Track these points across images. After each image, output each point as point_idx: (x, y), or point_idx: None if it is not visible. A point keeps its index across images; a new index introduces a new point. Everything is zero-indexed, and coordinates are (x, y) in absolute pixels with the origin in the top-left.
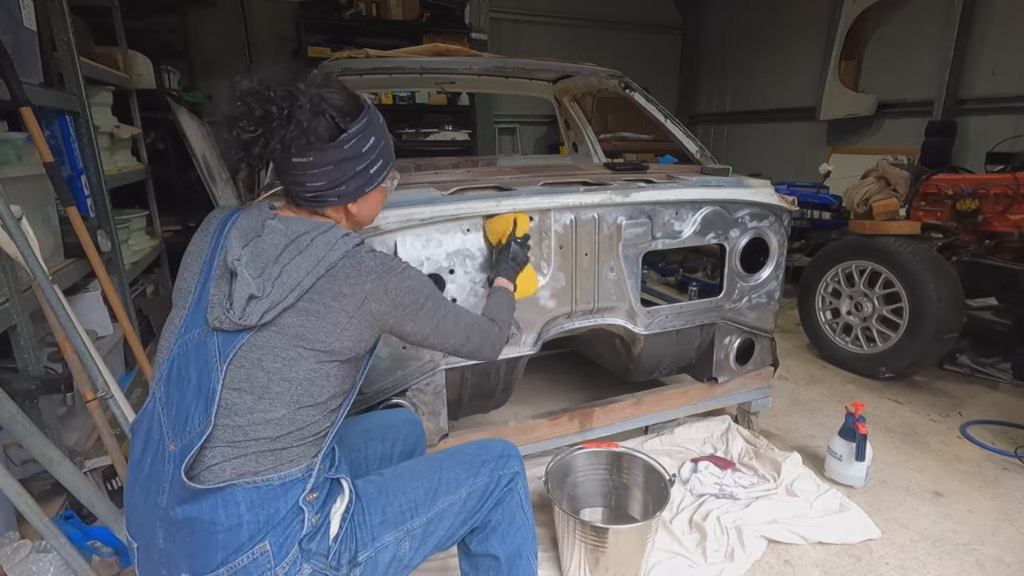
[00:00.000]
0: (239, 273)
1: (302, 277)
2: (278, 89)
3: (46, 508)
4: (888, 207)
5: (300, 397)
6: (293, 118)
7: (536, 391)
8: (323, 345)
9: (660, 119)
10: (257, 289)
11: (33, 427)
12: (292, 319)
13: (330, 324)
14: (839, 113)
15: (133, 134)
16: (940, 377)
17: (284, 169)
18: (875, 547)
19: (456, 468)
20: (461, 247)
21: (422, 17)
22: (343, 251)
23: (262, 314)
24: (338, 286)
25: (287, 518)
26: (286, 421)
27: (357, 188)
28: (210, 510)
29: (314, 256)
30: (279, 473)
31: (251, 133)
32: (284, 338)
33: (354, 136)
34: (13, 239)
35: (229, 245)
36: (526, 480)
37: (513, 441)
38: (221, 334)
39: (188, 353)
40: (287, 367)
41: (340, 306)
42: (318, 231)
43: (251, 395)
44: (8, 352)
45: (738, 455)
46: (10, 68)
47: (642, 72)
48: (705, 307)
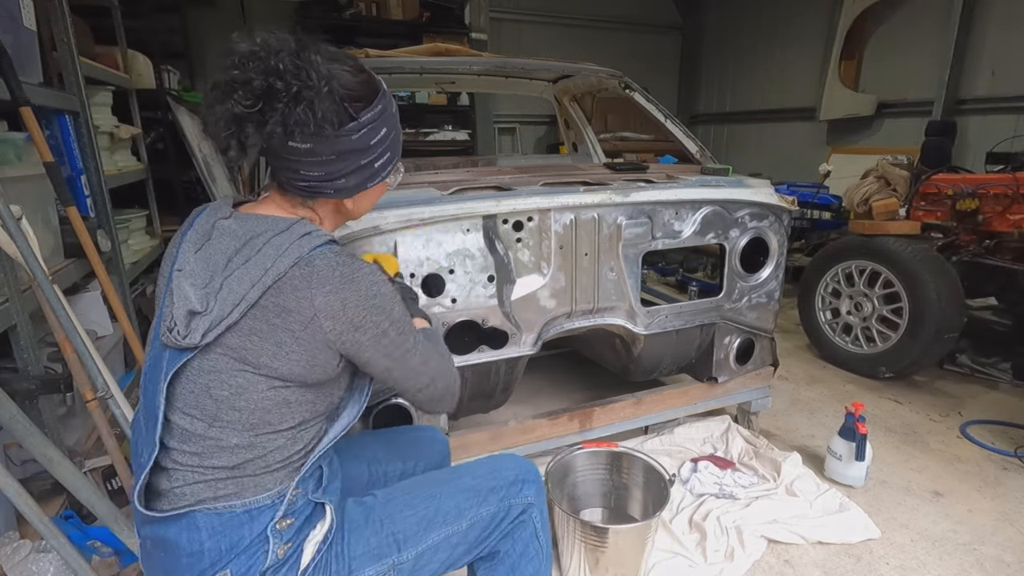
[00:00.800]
0: (176, 285)
1: (246, 290)
2: (286, 60)
3: (46, 508)
4: (888, 207)
5: (256, 425)
6: (302, 98)
7: (536, 391)
8: (269, 370)
9: (660, 119)
10: (199, 304)
11: (33, 427)
12: (235, 339)
13: (273, 345)
14: (839, 113)
15: (133, 134)
16: (940, 377)
17: (275, 152)
18: (875, 547)
19: (458, 495)
20: (461, 247)
21: (422, 17)
22: (295, 257)
23: (203, 333)
24: (284, 300)
25: (251, 547)
26: (243, 449)
27: (358, 183)
28: (174, 533)
29: (261, 265)
30: (243, 500)
31: (247, 107)
32: (229, 361)
33: (365, 126)
34: (13, 239)
35: (182, 250)
36: (545, 506)
37: (513, 441)
38: (171, 351)
39: (151, 367)
40: (235, 396)
41: (284, 324)
42: (274, 231)
43: (202, 422)
44: (8, 352)
45: (738, 455)
46: (10, 68)
47: (642, 72)
48: (705, 307)
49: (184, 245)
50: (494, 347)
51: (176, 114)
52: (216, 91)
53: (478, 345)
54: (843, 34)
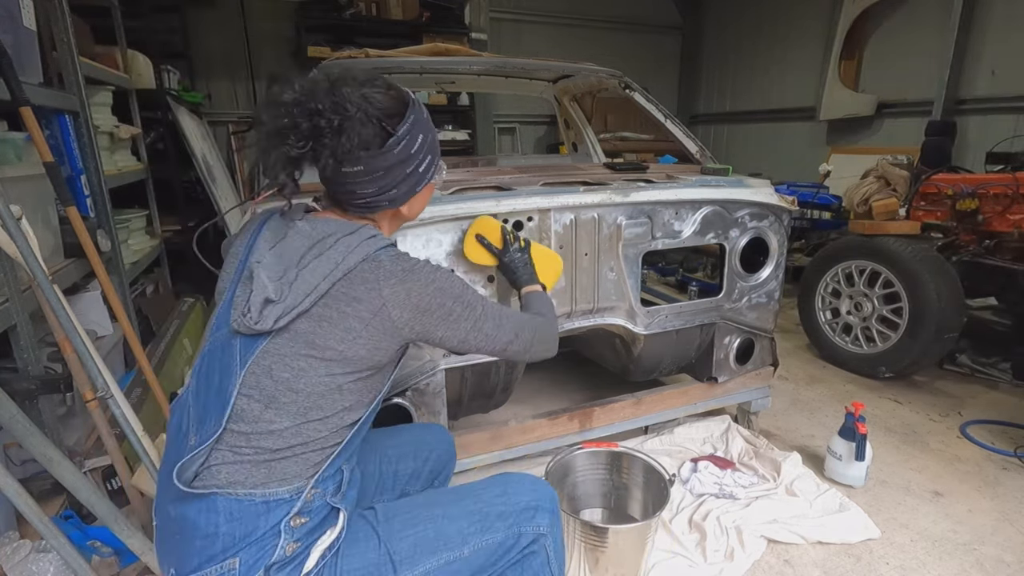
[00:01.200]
0: (256, 275)
1: (318, 281)
2: (324, 100)
3: (46, 508)
4: (888, 207)
5: (307, 411)
6: (344, 130)
7: (536, 391)
8: (333, 353)
9: (660, 119)
10: (274, 292)
11: (33, 427)
12: (305, 325)
13: (342, 331)
14: (839, 113)
15: (133, 134)
16: (940, 377)
17: (333, 179)
18: (875, 547)
19: (463, 519)
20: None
21: (422, 17)
22: (363, 254)
23: (276, 319)
24: (354, 291)
25: (263, 539)
26: (290, 434)
27: (408, 190)
28: (194, 513)
29: (333, 260)
30: (266, 490)
31: (300, 149)
32: (295, 345)
33: (403, 138)
34: (13, 239)
35: (258, 247)
36: (560, 536)
37: (513, 441)
38: (243, 337)
39: (215, 352)
40: (295, 377)
41: (354, 312)
42: (343, 232)
43: (259, 403)
44: (8, 352)
45: (738, 455)
46: (10, 68)
47: (642, 72)
48: (705, 307)
49: (259, 242)
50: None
51: (176, 114)
52: (270, 138)
53: None
54: (843, 34)
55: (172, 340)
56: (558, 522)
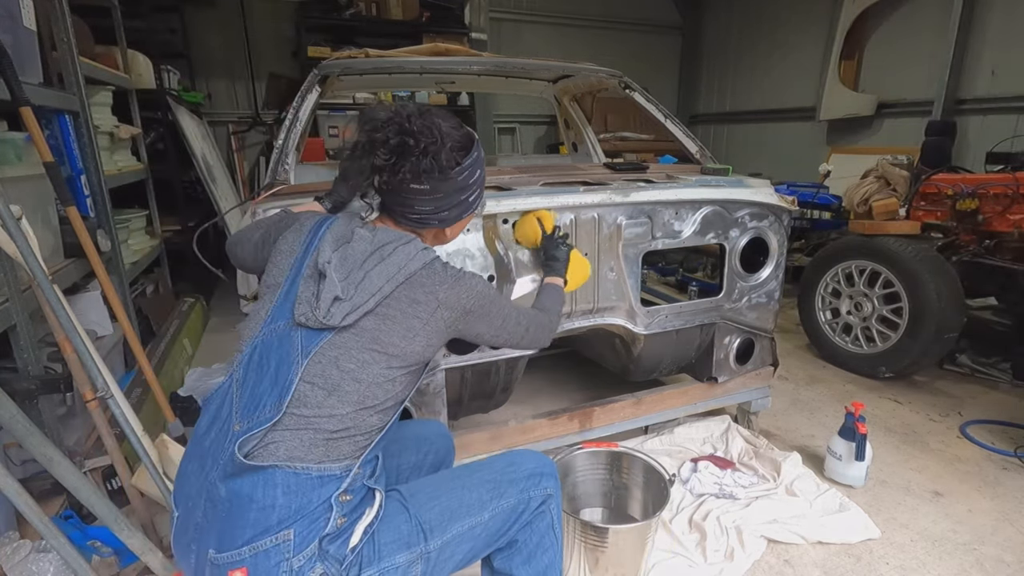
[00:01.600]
0: (328, 275)
1: (383, 283)
2: (416, 123)
3: (46, 508)
4: (888, 207)
5: (365, 399)
6: (427, 152)
7: (536, 391)
8: (395, 349)
9: (660, 119)
10: (342, 292)
11: (33, 427)
12: (370, 322)
13: (404, 328)
14: (839, 113)
15: (133, 134)
16: (940, 377)
17: (397, 191)
18: (875, 547)
19: (479, 488)
20: (461, 247)
21: (422, 17)
22: (422, 262)
23: (344, 316)
24: (414, 293)
25: (316, 512)
26: (348, 419)
27: (457, 215)
28: (250, 486)
29: (395, 265)
30: (320, 465)
31: (385, 160)
32: (361, 340)
33: (466, 169)
34: (13, 239)
35: (321, 248)
36: (560, 499)
37: (513, 441)
38: (305, 330)
39: (271, 342)
40: (359, 368)
41: (415, 312)
42: (400, 242)
43: (323, 390)
44: (8, 352)
45: (738, 455)
46: (10, 68)
47: (642, 72)
48: (705, 307)
49: (323, 244)
50: (494, 347)
51: (176, 114)
52: (359, 148)
53: (478, 345)
54: (843, 34)
55: (172, 340)
56: (559, 485)
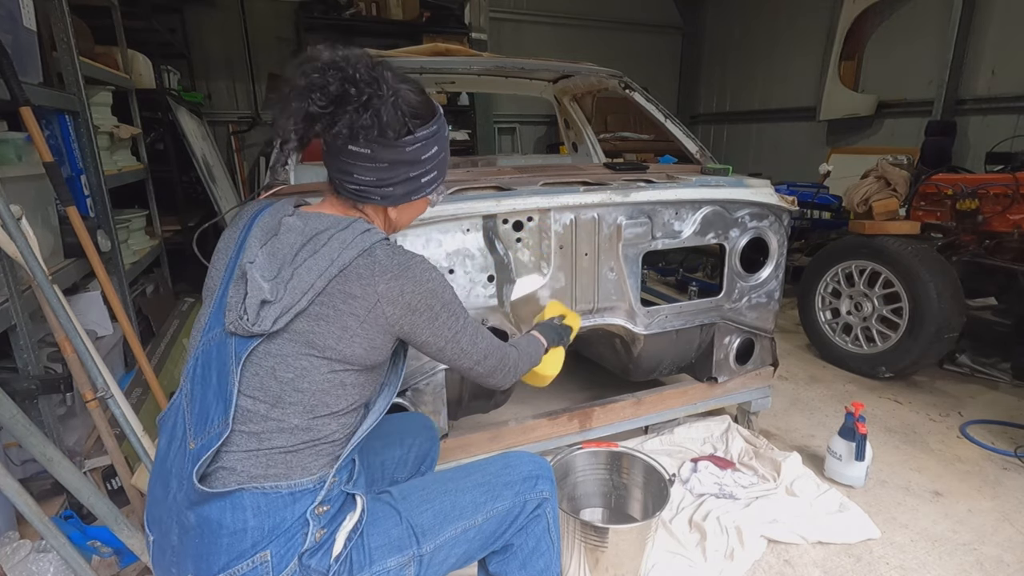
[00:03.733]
0: (250, 277)
1: (314, 279)
2: (362, 70)
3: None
4: (888, 207)
5: (315, 407)
6: (370, 106)
7: (536, 391)
8: (333, 352)
9: (660, 119)
10: (270, 293)
11: (33, 427)
12: (303, 324)
13: (339, 329)
14: (839, 113)
15: (133, 134)
16: (940, 377)
17: (335, 154)
18: (875, 547)
19: (473, 490)
20: (461, 247)
21: (422, 17)
22: (359, 249)
23: (274, 320)
24: (349, 287)
25: (291, 529)
26: (301, 431)
27: (404, 194)
28: (219, 512)
29: (328, 256)
30: (289, 481)
31: (320, 108)
32: (296, 345)
33: (419, 141)
34: (13, 239)
35: (248, 245)
36: (556, 502)
37: (513, 441)
38: (237, 337)
39: (211, 352)
40: (299, 377)
41: (350, 309)
42: (336, 228)
43: (264, 403)
44: (8, 352)
45: (738, 455)
46: (10, 68)
47: (642, 72)
48: (705, 307)
49: (249, 240)
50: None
51: (176, 114)
52: (294, 91)
53: None
54: (843, 34)
55: (172, 340)
56: (555, 489)
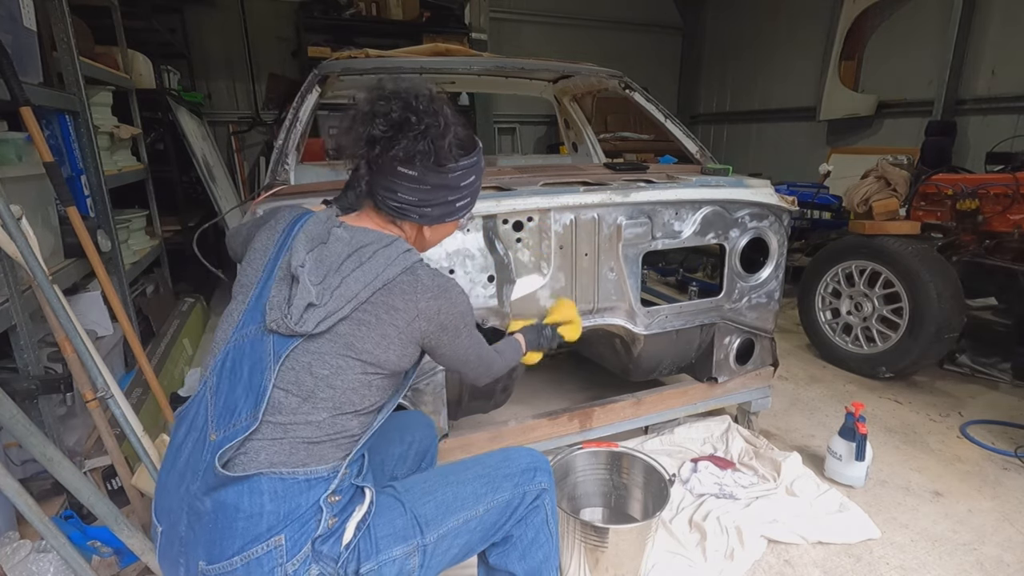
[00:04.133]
0: (301, 280)
1: (359, 289)
2: (424, 102)
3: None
4: (888, 207)
5: (342, 404)
6: (428, 135)
7: (536, 391)
8: (370, 356)
9: (660, 119)
10: (316, 298)
11: (33, 427)
12: (345, 328)
13: (379, 336)
14: (839, 113)
15: (133, 134)
16: (940, 377)
17: (384, 173)
18: (875, 547)
19: (474, 482)
20: (461, 247)
21: (422, 17)
22: (403, 267)
23: (318, 323)
24: (393, 300)
25: (306, 515)
26: (326, 425)
27: (440, 215)
28: (235, 496)
29: (373, 270)
30: (306, 468)
31: (383, 132)
32: (335, 346)
33: (461, 169)
34: (13, 239)
35: (295, 249)
36: (555, 494)
37: (513, 441)
38: (276, 335)
39: (243, 348)
40: (334, 375)
41: (391, 320)
42: (380, 244)
43: (297, 397)
44: (8, 352)
45: (738, 455)
46: (10, 68)
47: (642, 72)
48: (705, 307)
49: (296, 244)
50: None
51: (176, 114)
52: (359, 116)
53: None
54: (843, 34)
55: (172, 340)
56: (553, 481)
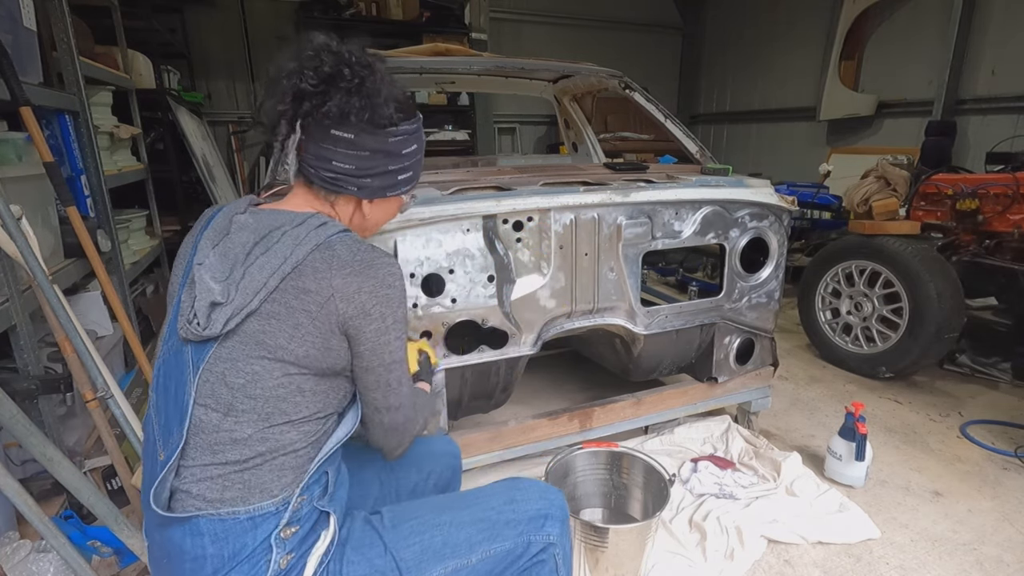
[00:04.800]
0: (199, 279)
1: (267, 278)
2: (357, 54)
3: (46, 508)
4: (888, 207)
5: (270, 415)
6: (363, 90)
7: (536, 391)
8: (286, 353)
9: (660, 119)
10: (221, 294)
11: (33, 427)
12: (254, 325)
13: (291, 327)
14: (839, 113)
15: (133, 134)
16: (940, 377)
17: (317, 139)
18: (875, 547)
19: (470, 526)
20: (461, 247)
21: (422, 17)
22: (315, 243)
23: (225, 321)
24: (304, 282)
25: (254, 555)
26: (255, 441)
27: (380, 187)
28: (179, 537)
29: (281, 253)
30: (248, 506)
31: (312, 86)
32: (246, 348)
33: (402, 134)
34: (13, 239)
35: (200, 247)
36: (568, 544)
37: (513, 441)
38: (193, 344)
39: (170, 361)
40: (250, 383)
41: (302, 305)
42: (291, 224)
43: (217, 412)
44: (8, 352)
45: (738, 455)
46: (10, 68)
47: (642, 72)
48: (705, 307)
49: (202, 242)
50: (494, 347)
51: (176, 114)
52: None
53: (478, 345)
54: (843, 34)
55: None
56: (567, 530)
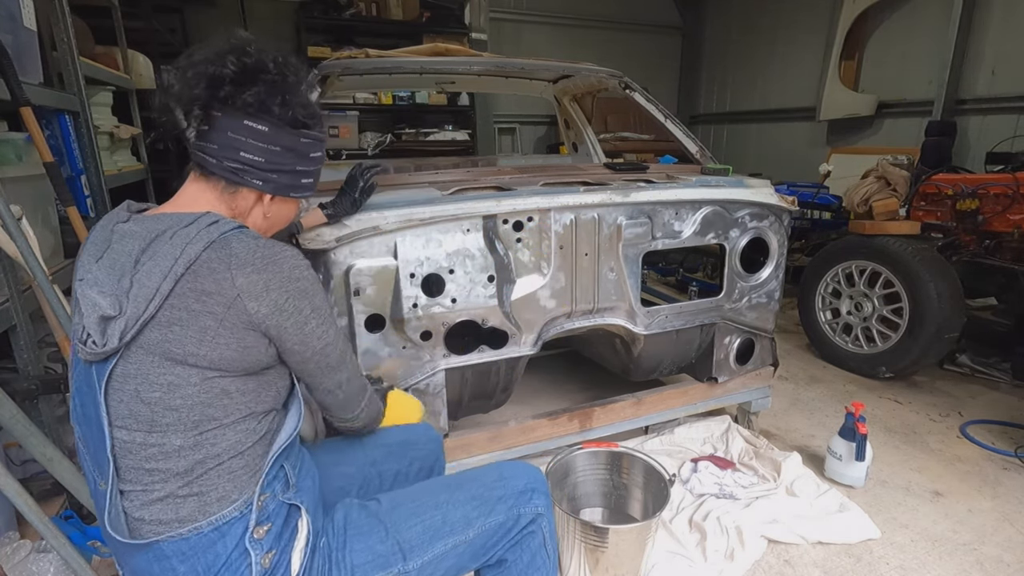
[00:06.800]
0: (81, 296)
1: (158, 283)
2: (282, 53)
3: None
4: (888, 207)
5: (199, 423)
6: (285, 85)
7: (536, 391)
8: (198, 359)
9: (660, 119)
10: (111, 307)
11: (33, 427)
12: (155, 334)
13: (197, 332)
14: (839, 113)
15: (133, 134)
16: (940, 377)
17: (225, 128)
18: (875, 547)
19: (466, 504)
20: (461, 247)
21: (422, 17)
22: (206, 241)
23: (121, 334)
24: (202, 284)
25: (232, 562)
26: (189, 450)
27: (285, 185)
28: (146, 564)
29: (171, 255)
30: (209, 517)
31: (234, 70)
32: (153, 359)
33: (312, 137)
34: (13, 239)
35: (81, 263)
36: (553, 516)
37: (513, 441)
38: (96, 365)
39: (81, 387)
40: (168, 394)
41: (205, 308)
42: (180, 225)
43: (140, 431)
44: (8, 352)
45: (738, 455)
46: (10, 68)
47: (642, 72)
48: (705, 307)
49: (82, 257)
50: (494, 347)
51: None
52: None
53: (478, 345)
54: (843, 34)
55: None
56: (551, 502)
